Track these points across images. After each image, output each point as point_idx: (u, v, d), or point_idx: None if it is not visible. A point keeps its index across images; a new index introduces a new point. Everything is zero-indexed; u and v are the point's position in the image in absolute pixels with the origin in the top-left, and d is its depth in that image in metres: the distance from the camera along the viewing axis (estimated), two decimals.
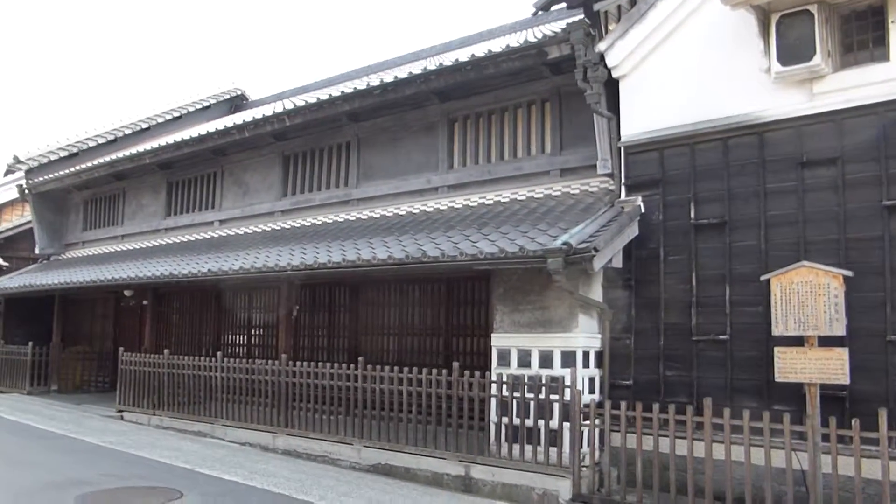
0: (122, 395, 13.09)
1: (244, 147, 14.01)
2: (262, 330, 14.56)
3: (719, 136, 8.03)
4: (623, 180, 8.79)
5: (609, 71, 8.83)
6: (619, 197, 8.80)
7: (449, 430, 8.54)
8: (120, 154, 16.00)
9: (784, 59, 7.51)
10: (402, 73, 11.42)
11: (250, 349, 14.59)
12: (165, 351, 12.46)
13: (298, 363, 10.36)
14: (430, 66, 10.79)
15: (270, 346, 14.16)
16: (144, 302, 15.77)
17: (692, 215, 8.17)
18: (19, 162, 17.08)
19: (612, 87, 8.97)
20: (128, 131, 18.31)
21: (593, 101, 8.73)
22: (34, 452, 9.17)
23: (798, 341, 6.88)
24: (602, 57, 8.82)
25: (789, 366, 6.77)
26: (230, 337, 15.31)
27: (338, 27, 64.18)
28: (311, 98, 12.58)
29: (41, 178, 17.43)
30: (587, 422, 7.68)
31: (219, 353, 11.71)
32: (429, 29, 57.54)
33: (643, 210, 8.52)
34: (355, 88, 11.32)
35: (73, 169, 16.80)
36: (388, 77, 11.31)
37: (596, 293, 8.51)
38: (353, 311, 12.92)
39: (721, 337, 7.75)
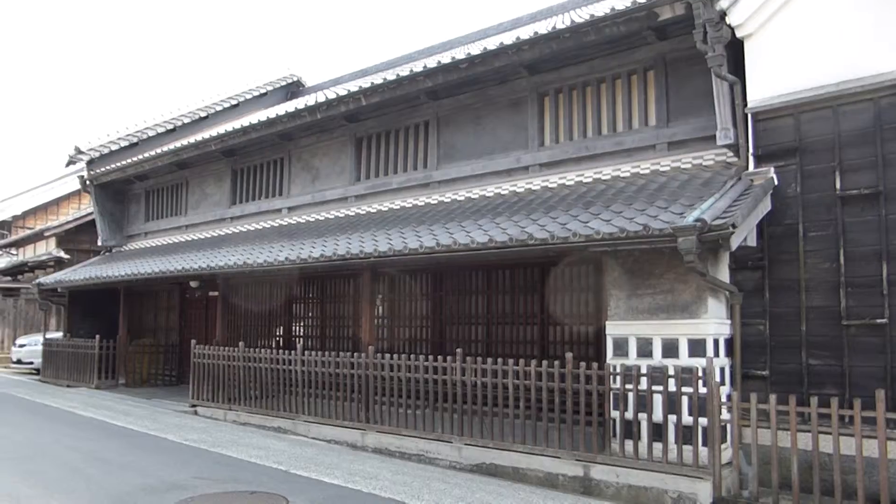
0: (195, 390, 12.64)
1: (313, 130, 13.46)
2: (335, 321, 14.02)
3: (869, 95, 7.16)
4: (751, 150, 7.96)
5: (732, 31, 8.00)
6: (746, 169, 7.98)
7: (562, 426, 7.84)
8: (183, 142, 15.56)
9: None
10: (477, 48, 10.71)
11: (324, 341, 14.07)
12: (241, 343, 11.96)
13: (387, 355, 9.73)
14: (506, 40, 10.05)
15: (345, 338, 13.67)
16: (211, 293, 15.35)
17: (837, 186, 7.32)
18: (80, 153, 16.76)
19: (732, 50, 8.15)
20: (186, 120, 17.93)
21: (716, 63, 7.92)
22: (120, 452, 8.70)
23: None
24: (723, 15, 7.98)
25: None
26: (302, 328, 14.84)
27: (392, 10, 63.72)
28: (377, 80, 11.90)
29: (103, 169, 17.11)
30: (727, 416, 6.92)
31: (298, 346, 11.18)
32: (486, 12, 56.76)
33: (776, 182, 7.69)
34: (439, 62, 10.60)
35: (135, 158, 16.44)
36: (474, 50, 10.59)
37: (723, 275, 7.69)
38: (436, 299, 12.30)
39: (878, 321, 6.90)
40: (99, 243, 18.65)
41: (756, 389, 7.19)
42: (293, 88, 20.29)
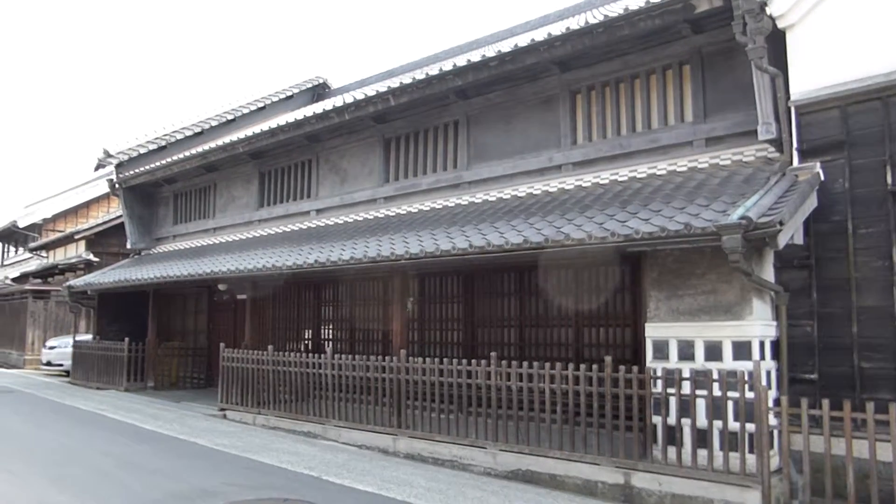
0: (224, 393, 12.57)
1: (341, 132, 13.34)
2: (364, 324, 13.87)
3: None
4: (795, 145, 7.67)
5: (773, 21, 7.72)
6: (790, 164, 7.69)
7: (601, 432, 7.61)
8: (211, 144, 15.52)
9: None
10: (507, 46, 10.47)
11: (353, 344, 13.93)
12: (269, 347, 11.86)
13: (419, 359, 9.55)
14: (538, 37, 9.81)
15: (375, 341, 13.51)
16: (239, 296, 15.25)
17: (889, 180, 7.01)
18: (109, 156, 16.82)
19: (773, 41, 7.86)
20: (214, 123, 17.94)
21: (756, 56, 7.64)
22: (149, 457, 8.61)
23: None
24: (763, 6, 7.71)
25: None
26: (331, 331, 14.71)
27: (418, 11, 63.74)
28: (404, 80, 11.73)
29: (131, 172, 17.18)
30: (774, 422, 6.65)
31: (328, 349, 11.04)
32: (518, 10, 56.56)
33: (822, 178, 7.40)
34: (468, 61, 10.41)
35: (164, 161, 16.47)
36: (503, 48, 10.37)
37: (768, 274, 7.39)
38: (467, 302, 12.09)
39: None
40: (128, 246, 18.74)
41: (804, 394, 6.92)
42: (319, 90, 20.25)
